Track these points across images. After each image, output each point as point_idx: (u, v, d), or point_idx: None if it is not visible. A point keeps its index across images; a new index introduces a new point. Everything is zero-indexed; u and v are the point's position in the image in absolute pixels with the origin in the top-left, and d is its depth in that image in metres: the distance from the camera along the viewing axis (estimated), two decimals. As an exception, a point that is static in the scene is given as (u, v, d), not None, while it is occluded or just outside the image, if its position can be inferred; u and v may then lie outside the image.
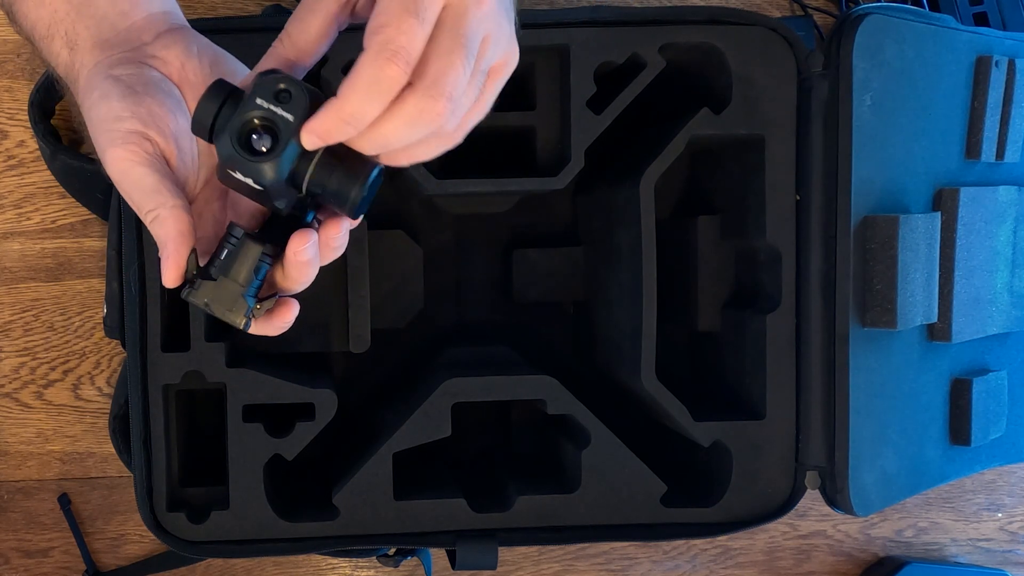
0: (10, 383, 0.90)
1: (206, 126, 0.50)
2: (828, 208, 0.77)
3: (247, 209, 0.56)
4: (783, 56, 0.78)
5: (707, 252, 0.88)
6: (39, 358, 0.90)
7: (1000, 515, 1.01)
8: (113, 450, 0.84)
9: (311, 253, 0.52)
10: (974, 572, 0.99)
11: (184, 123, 0.54)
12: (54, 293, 0.89)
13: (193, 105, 0.54)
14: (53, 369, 0.90)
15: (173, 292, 0.76)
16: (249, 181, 0.49)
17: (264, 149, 0.49)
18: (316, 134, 0.48)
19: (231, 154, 0.49)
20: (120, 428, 0.81)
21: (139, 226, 0.75)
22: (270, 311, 0.54)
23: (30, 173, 0.89)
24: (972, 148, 0.82)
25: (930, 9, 0.94)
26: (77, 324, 0.90)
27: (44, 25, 0.55)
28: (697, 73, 0.81)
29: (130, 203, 0.52)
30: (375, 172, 0.51)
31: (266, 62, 0.52)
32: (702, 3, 0.93)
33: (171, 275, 0.52)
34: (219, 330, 0.80)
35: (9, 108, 0.88)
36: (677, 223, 0.90)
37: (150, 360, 0.76)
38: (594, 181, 0.87)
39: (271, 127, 0.49)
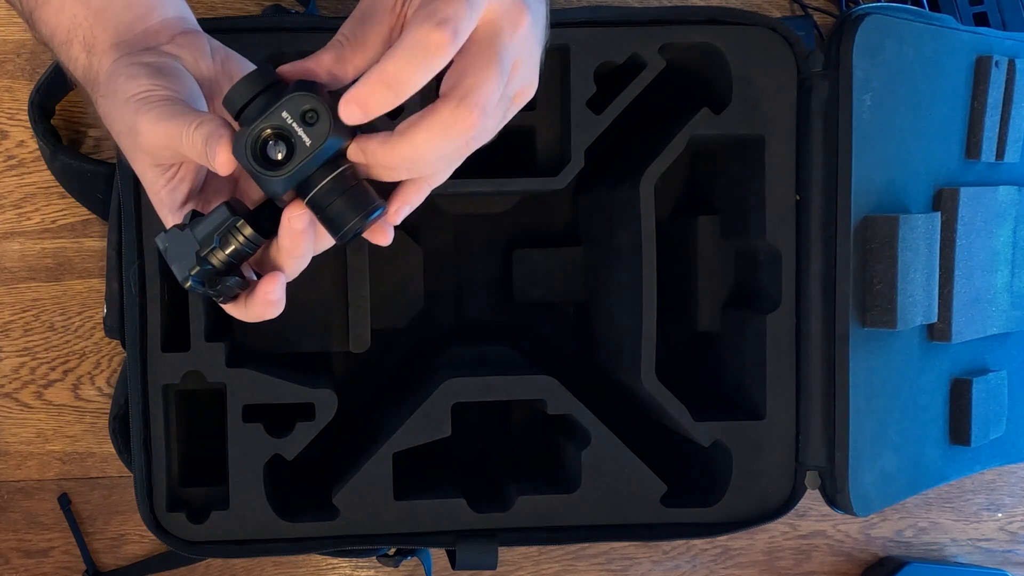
0: (10, 383, 0.90)
1: (236, 107, 0.50)
2: (828, 208, 0.77)
3: (254, 200, 0.57)
4: (783, 56, 0.78)
5: (707, 252, 0.88)
6: (39, 358, 0.90)
7: (1000, 515, 1.01)
8: (113, 450, 0.84)
9: (305, 222, 0.52)
10: (974, 572, 0.99)
11: (195, 94, 0.55)
12: (54, 293, 0.89)
13: (208, 99, 0.56)
14: (53, 369, 0.90)
15: (173, 292, 0.77)
16: (259, 178, 0.50)
17: (279, 156, 0.49)
18: (356, 103, 0.47)
19: (243, 157, 0.49)
20: (120, 428, 0.81)
21: (139, 226, 0.75)
22: (252, 288, 0.54)
23: (30, 173, 0.89)
24: (972, 148, 0.82)
25: (930, 9, 0.94)
26: (77, 324, 0.90)
27: (63, 31, 0.57)
28: (697, 73, 0.81)
29: (170, 139, 0.52)
30: (377, 212, 0.51)
31: (324, 57, 0.51)
32: (702, 3, 0.93)
33: (224, 156, 0.50)
34: (219, 330, 0.80)
35: (9, 108, 0.88)
36: (677, 223, 0.90)
37: (150, 360, 0.76)
38: (594, 181, 0.87)
39: (289, 143, 0.49)
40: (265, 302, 0.54)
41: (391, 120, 0.51)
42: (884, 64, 0.76)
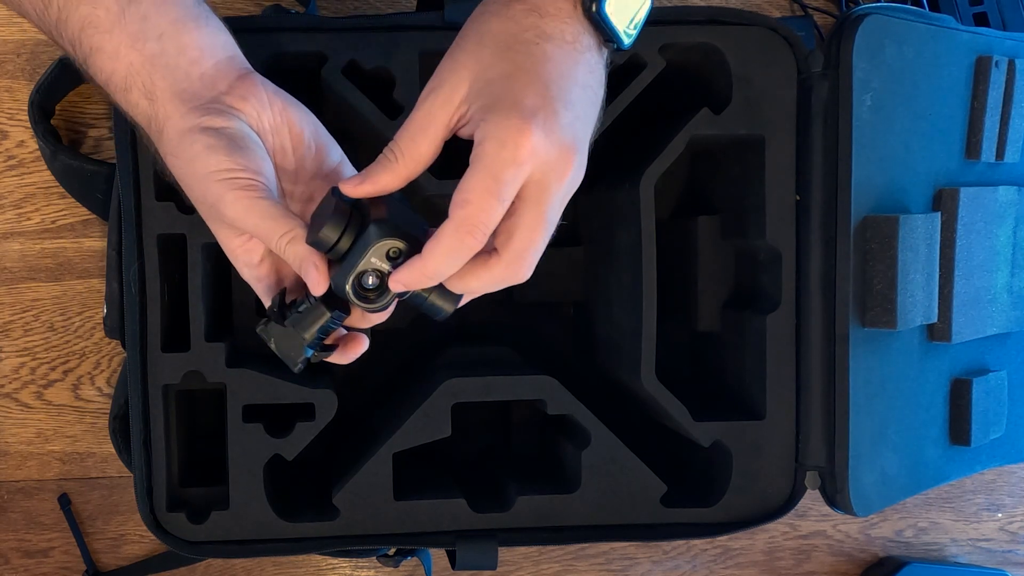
0: (10, 383, 0.90)
1: (325, 247, 0.57)
2: (828, 208, 0.77)
3: None
4: (783, 56, 0.78)
5: (707, 252, 0.88)
6: (39, 358, 0.90)
7: (1000, 515, 1.01)
8: (113, 450, 0.84)
9: (393, 305, 0.61)
10: (974, 572, 0.99)
11: (269, 170, 0.59)
12: (54, 293, 0.89)
13: (270, 152, 0.61)
14: (53, 369, 0.90)
15: (173, 292, 0.77)
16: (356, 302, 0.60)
17: (370, 283, 0.58)
18: (402, 283, 0.57)
19: (347, 292, 0.58)
20: (120, 428, 0.81)
21: (139, 226, 0.75)
22: (344, 346, 0.63)
23: (30, 173, 0.89)
24: (972, 148, 0.82)
25: (930, 9, 0.94)
26: (77, 324, 0.90)
27: (120, 77, 0.59)
28: (697, 73, 0.81)
29: (257, 234, 0.58)
30: (461, 297, 0.61)
31: (383, 177, 0.57)
32: (702, 3, 0.93)
33: (323, 284, 0.58)
34: (219, 330, 0.80)
35: (9, 108, 0.88)
36: (677, 223, 0.90)
37: (150, 360, 0.76)
38: (594, 181, 0.87)
39: (381, 276, 0.58)
40: (349, 359, 0.64)
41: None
42: (884, 64, 0.76)
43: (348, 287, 0.58)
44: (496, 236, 0.56)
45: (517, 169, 0.53)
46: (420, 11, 0.79)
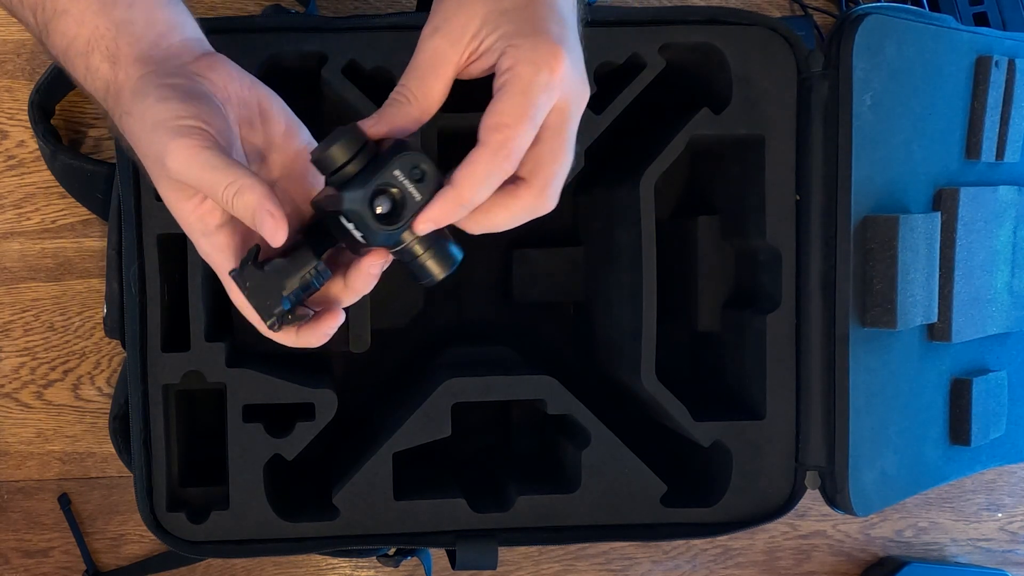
0: (10, 383, 0.90)
1: (331, 167, 0.53)
2: (828, 208, 0.77)
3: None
4: (783, 56, 0.78)
5: (707, 252, 0.88)
6: (39, 358, 0.90)
7: (1000, 515, 1.01)
8: (113, 450, 0.84)
9: (381, 269, 0.57)
10: (974, 572, 0.99)
11: (222, 125, 0.55)
12: (54, 293, 0.89)
13: (236, 124, 0.57)
14: (53, 369, 0.90)
15: (173, 292, 0.77)
16: (357, 234, 0.53)
17: (380, 211, 0.53)
18: (432, 221, 0.53)
19: (359, 211, 0.52)
20: (120, 428, 0.81)
21: (139, 226, 0.75)
22: (317, 319, 0.58)
23: (30, 173, 0.89)
24: (972, 148, 0.82)
25: (930, 9, 0.94)
26: (77, 324, 0.90)
27: (83, 42, 0.57)
28: (697, 73, 0.81)
29: (201, 187, 0.54)
30: (459, 260, 0.57)
31: (397, 118, 0.55)
32: (702, 3, 0.93)
33: (281, 232, 0.53)
34: (219, 330, 0.80)
35: (9, 108, 0.88)
36: (677, 223, 0.90)
37: (150, 360, 0.76)
38: (594, 181, 0.87)
39: (398, 199, 0.53)
40: (323, 335, 0.59)
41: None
42: (884, 64, 0.76)
43: (363, 202, 0.52)
44: (522, 166, 0.54)
45: (550, 93, 0.53)
46: (420, 11, 0.79)
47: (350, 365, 0.92)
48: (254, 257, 0.55)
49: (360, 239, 0.53)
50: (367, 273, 0.58)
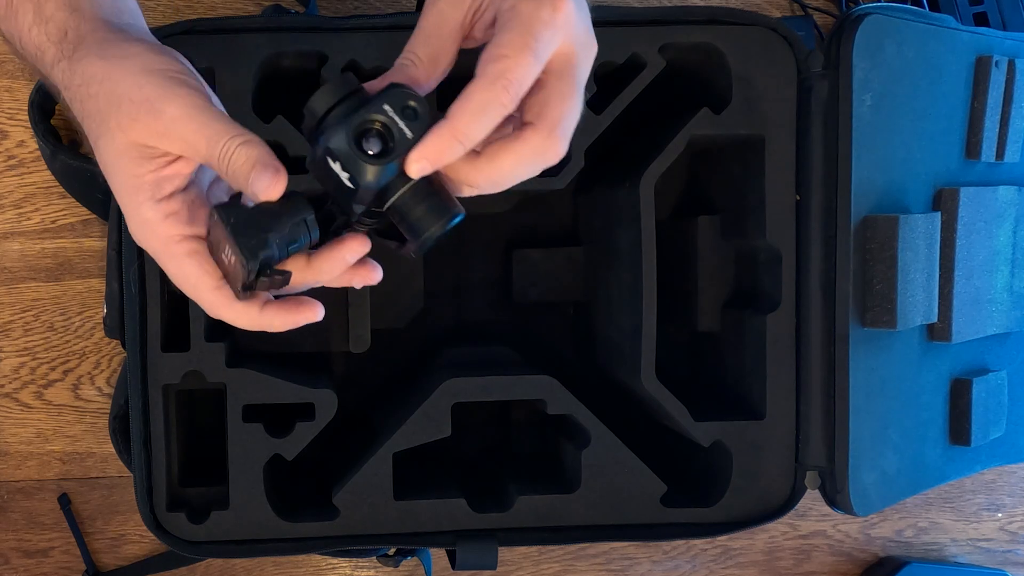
0: (10, 383, 0.90)
1: (319, 112, 0.50)
2: (828, 208, 0.77)
3: None
4: (783, 56, 0.78)
5: (707, 252, 0.88)
6: (39, 358, 0.90)
7: (1000, 515, 1.01)
8: (113, 450, 0.84)
9: (357, 257, 0.54)
10: (974, 572, 0.99)
11: (209, 91, 0.54)
12: (54, 293, 0.89)
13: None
14: (53, 369, 0.90)
15: (173, 292, 0.77)
16: (344, 176, 0.49)
17: (371, 152, 0.49)
18: (427, 159, 0.50)
19: (342, 147, 0.49)
20: (120, 428, 0.81)
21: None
22: (297, 304, 0.54)
23: (30, 173, 0.89)
24: (972, 148, 0.82)
25: (930, 9, 0.94)
26: (77, 324, 0.90)
27: None
28: (697, 73, 0.81)
29: (198, 137, 0.51)
30: (458, 217, 0.52)
31: (398, 78, 0.52)
32: (702, 3, 0.93)
33: (281, 183, 0.50)
34: (219, 330, 0.80)
35: (9, 108, 0.88)
36: (677, 223, 0.90)
37: (150, 360, 0.76)
38: (594, 181, 0.87)
39: (386, 136, 0.49)
40: (290, 320, 0.55)
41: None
42: (884, 64, 0.76)
43: (348, 136, 0.49)
44: (527, 111, 0.52)
45: (554, 31, 0.51)
46: (420, 11, 0.79)
47: (350, 365, 0.92)
48: (238, 198, 0.52)
49: (348, 183, 0.49)
50: (340, 258, 0.54)
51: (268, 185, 0.50)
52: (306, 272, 0.54)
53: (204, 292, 0.54)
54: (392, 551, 0.90)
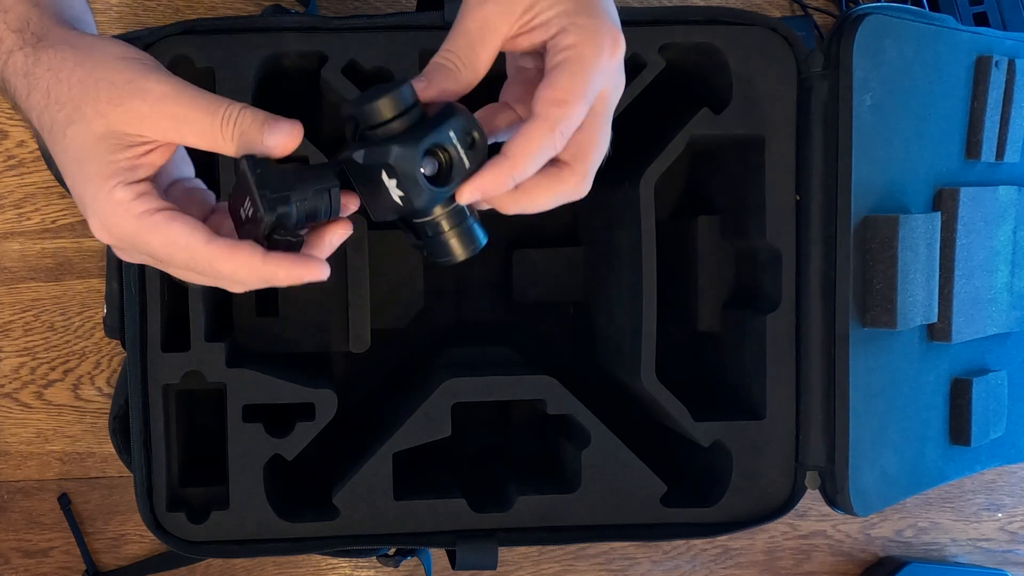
0: (10, 383, 0.90)
1: (375, 120, 0.50)
2: (828, 208, 0.77)
3: None
4: (783, 56, 0.78)
5: (707, 252, 0.88)
6: (39, 358, 0.90)
7: (1000, 515, 1.01)
8: (113, 450, 0.84)
9: (342, 240, 0.54)
10: (974, 572, 0.99)
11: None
12: (54, 293, 0.89)
13: None
14: (53, 369, 0.90)
15: (173, 292, 0.77)
16: (396, 194, 0.50)
17: (425, 172, 0.50)
18: (480, 190, 0.51)
19: (406, 168, 0.50)
20: (120, 428, 0.81)
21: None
22: (304, 257, 0.52)
23: (30, 173, 0.89)
24: (972, 148, 0.82)
25: (930, 9, 0.94)
26: (77, 324, 0.90)
27: None
28: (697, 73, 0.81)
29: (190, 110, 0.51)
30: (483, 244, 0.55)
31: (447, 83, 0.53)
32: (702, 3, 0.93)
33: (297, 132, 0.50)
34: (219, 330, 0.80)
35: (9, 108, 0.88)
36: (677, 223, 0.90)
37: (150, 360, 0.76)
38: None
39: (445, 162, 0.51)
40: (299, 275, 0.52)
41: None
42: (884, 64, 0.76)
43: (414, 157, 0.49)
44: (564, 149, 0.53)
45: (606, 78, 0.52)
46: (420, 11, 0.79)
47: (350, 365, 0.92)
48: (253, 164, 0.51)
49: (396, 199, 0.50)
50: (327, 242, 0.54)
51: (287, 134, 0.50)
52: (322, 242, 0.54)
53: (198, 249, 0.51)
54: (392, 551, 0.90)
